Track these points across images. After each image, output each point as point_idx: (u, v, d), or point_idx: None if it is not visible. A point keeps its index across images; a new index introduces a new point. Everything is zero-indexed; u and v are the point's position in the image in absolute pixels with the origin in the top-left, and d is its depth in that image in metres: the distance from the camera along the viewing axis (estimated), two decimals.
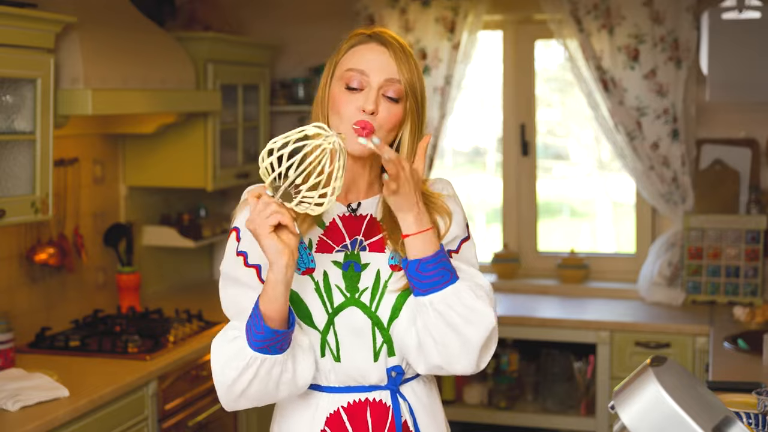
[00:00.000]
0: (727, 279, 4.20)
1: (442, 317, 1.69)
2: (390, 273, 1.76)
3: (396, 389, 1.78)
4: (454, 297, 1.68)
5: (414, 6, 4.36)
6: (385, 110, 1.74)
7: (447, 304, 1.68)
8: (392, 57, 1.76)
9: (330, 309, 1.74)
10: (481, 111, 4.99)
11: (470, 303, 1.69)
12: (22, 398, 2.63)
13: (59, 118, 3.10)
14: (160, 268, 4.25)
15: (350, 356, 1.75)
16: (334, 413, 1.77)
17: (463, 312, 1.69)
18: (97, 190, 3.83)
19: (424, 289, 1.69)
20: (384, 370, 1.77)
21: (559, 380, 4.23)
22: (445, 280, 1.68)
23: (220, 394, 1.72)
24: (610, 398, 1.61)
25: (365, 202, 1.83)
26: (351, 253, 1.78)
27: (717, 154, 4.25)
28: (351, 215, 1.82)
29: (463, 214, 1.85)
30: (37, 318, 3.44)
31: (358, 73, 1.74)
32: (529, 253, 4.65)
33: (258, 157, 4.44)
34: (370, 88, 1.74)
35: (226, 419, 3.52)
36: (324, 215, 1.81)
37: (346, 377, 1.77)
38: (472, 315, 1.69)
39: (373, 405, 1.77)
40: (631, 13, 4.15)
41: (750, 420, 2.15)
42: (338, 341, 1.75)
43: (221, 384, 1.69)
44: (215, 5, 4.48)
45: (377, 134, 1.73)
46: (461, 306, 1.69)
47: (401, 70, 1.75)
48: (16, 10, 2.77)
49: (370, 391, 1.78)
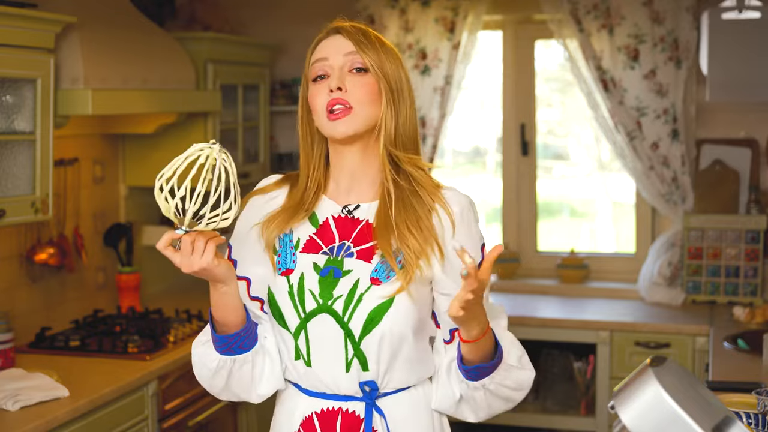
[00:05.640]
0: (727, 279, 4.20)
1: (494, 394, 1.72)
2: (368, 286, 1.69)
3: (372, 402, 1.73)
4: (504, 373, 1.71)
5: (414, 6, 4.36)
6: (355, 84, 1.72)
7: (497, 383, 1.71)
8: (348, 38, 1.75)
9: (302, 313, 1.71)
10: (481, 111, 4.99)
11: (517, 375, 1.73)
12: (22, 398, 2.63)
13: (59, 118, 3.10)
14: (160, 268, 4.24)
15: (321, 363, 1.72)
16: (308, 417, 1.75)
17: (514, 385, 1.73)
18: (97, 190, 3.83)
19: (477, 378, 1.70)
20: (356, 383, 1.72)
21: (559, 380, 4.23)
22: (494, 363, 1.68)
23: (207, 390, 1.84)
24: (610, 398, 1.60)
25: (365, 206, 1.77)
26: (333, 259, 1.73)
27: (717, 154, 4.25)
28: (346, 217, 1.77)
29: (475, 233, 1.76)
30: (37, 318, 3.44)
31: (320, 62, 1.75)
32: (529, 253, 4.66)
33: (258, 156, 4.47)
34: (334, 70, 1.73)
35: (226, 419, 3.52)
36: (319, 213, 1.79)
37: (319, 383, 1.74)
38: (520, 383, 1.74)
39: (345, 415, 1.73)
40: (631, 13, 4.15)
41: (750, 420, 2.15)
42: (309, 347, 1.72)
43: (202, 382, 1.82)
44: (215, 5, 4.48)
45: (356, 110, 1.71)
46: (511, 380, 1.72)
47: (360, 45, 1.74)
48: (16, 10, 2.77)
49: (344, 400, 1.73)
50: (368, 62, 1.73)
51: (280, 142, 4.75)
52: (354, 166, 1.77)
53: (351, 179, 1.78)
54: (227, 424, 3.54)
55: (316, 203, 1.79)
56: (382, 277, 1.70)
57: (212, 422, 3.41)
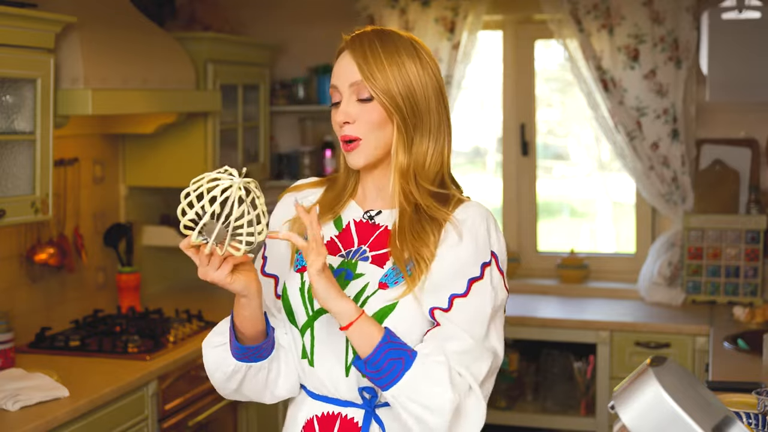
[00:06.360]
0: (727, 279, 4.20)
1: (407, 410, 1.60)
2: (375, 289, 1.69)
3: (371, 410, 1.70)
4: (410, 385, 1.58)
5: (414, 6, 4.36)
6: (361, 113, 1.71)
7: (406, 395, 1.59)
8: (354, 60, 1.72)
9: (311, 311, 1.73)
10: (481, 111, 4.99)
11: (427, 391, 1.58)
12: (22, 398, 2.63)
13: (59, 118, 3.10)
14: (160, 268, 4.24)
15: (322, 363, 1.72)
16: (310, 420, 1.75)
17: (421, 400, 1.59)
18: (97, 190, 3.83)
19: (381, 385, 1.61)
20: (356, 388, 1.70)
21: (559, 380, 4.23)
22: (398, 370, 1.59)
23: (217, 390, 1.83)
24: (610, 398, 1.61)
25: (386, 212, 1.78)
26: (347, 262, 1.74)
27: (717, 154, 4.25)
28: (367, 222, 1.79)
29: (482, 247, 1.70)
30: (37, 318, 3.44)
31: (333, 89, 1.75)
32: (529, 253, 4.66)
33: (258, 156, 4.46)
34: (343, 99, 1.73)
35: (226, 419, 3.52)
36: (344, 217, 1.80)
37: (320, 385, 1.73)
38: (431, 402, 1.59)
39: (343, 421, 1.72)
40: (631, 13, 4.15)
41: (750, 420, 2.15)
42: (314, 345, 1.73)
43: (215, 384, 1.81)
44: (215, 5, 4.48)
45: (365, 141, 1.71)
46: (417, 394, 1.58)
47: (364, 71, 1.70)
48: (16, 10, 2.77)
49: (345, 406, 1.72)
50: (372, 90, 1.70)
51: (280, 142, 4.75)
52: (377, 181, 1.80)
53: (375, 190, 1.80)
54: (227, 424, 3.54)
55: (344, 207, 1.82)
56: (390, 282, 1.70)
57: (212, 422, 3.41)
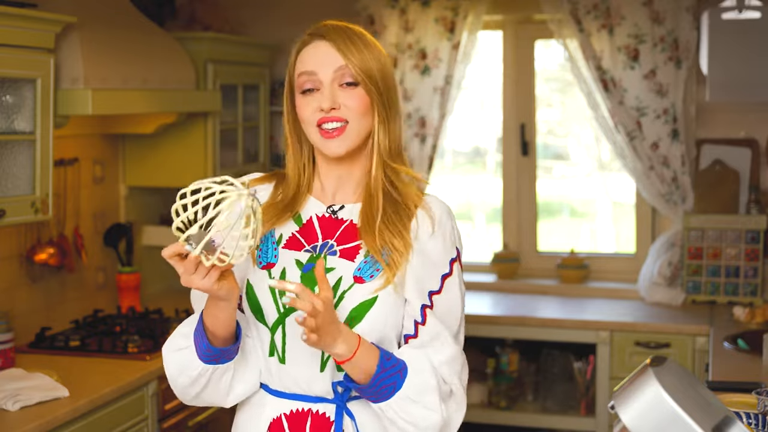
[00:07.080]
0: (727, 279, 4.20)
1: (394, 424, 1.66)
2: (351, 284, 1.69)
3: (342, 405, 1.71)
4: (400, 405, 1.65)
5: (414, 6, 4.36)
6: (347, 98, 1.72)
7: (395, 411, 1.65)
8: (334, 46, 1.73)
9: (282, 308, 1.71)
10: (481, 111, 4.99)
11: (415, 412, 1.65)
12: (22, 398, 2.63)
13: (59, 118, 3.10)
14: (160, 268, 4.24)
15: (295, 361, 1.71)
16: (276, 419, 1.73)
17: (411, 419, 1.66)
18: (97, 190, 3.83)
19: (373, 400, 1.66)
20: (330, 383, 1.70)
21: (559, 380, 4.23)
22: (391, 389, 1.64)
23: (177, 395, 1.79)
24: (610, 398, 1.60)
25: (349, 207, 1.78)
26: (316, 257, 1.73)
27: (717, 154, 4.25)
28: (330, 217, 1.78)
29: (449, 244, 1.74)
30: (37, 318, 3.44)
31: (307, 75, 1.73)
32: (529, 253, 4.65)
33: (258, 156, 4.46)
34: (324, 86, 1.72)
35: (225, 419, 3.52)
36: (303, 213, 1.79)
37: (291, 383, 1.72)
38: (421, 423, 1.66)
39: (315, 417, 1.71)
40: (631, 13, 4.15)
41: (750, 420, 2.15)
42: (285, 343, 1.71)
43: (176, 389, 1.78)
44: (215, 5, 4.48)
45: (351, 125, 1.71)
46: (407, 414, 1.65)
47: (347, 56, 1.72)
48: (16, 10, 2.77)
49: (315, 402, 1.71)
50: (358, 75, 1.71)
51: (280, 142, 4.75)
52: (341, 171, 1.79)
53: (337, 182, 1.80)
54: (227, 424, 3.53)
55: (302, 203, 1.80)
56: (365, 275, 1.70)
57: (212, 422, 3.41)
